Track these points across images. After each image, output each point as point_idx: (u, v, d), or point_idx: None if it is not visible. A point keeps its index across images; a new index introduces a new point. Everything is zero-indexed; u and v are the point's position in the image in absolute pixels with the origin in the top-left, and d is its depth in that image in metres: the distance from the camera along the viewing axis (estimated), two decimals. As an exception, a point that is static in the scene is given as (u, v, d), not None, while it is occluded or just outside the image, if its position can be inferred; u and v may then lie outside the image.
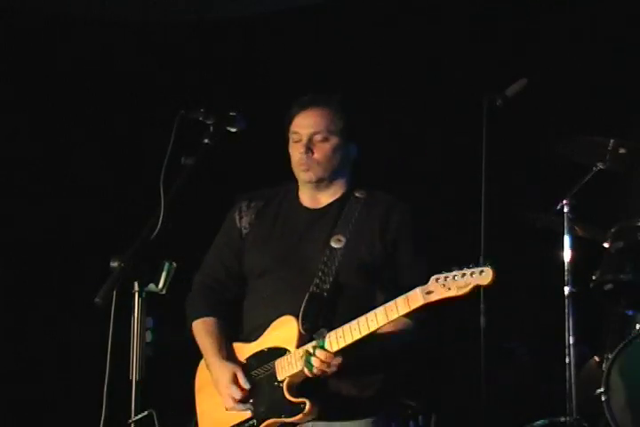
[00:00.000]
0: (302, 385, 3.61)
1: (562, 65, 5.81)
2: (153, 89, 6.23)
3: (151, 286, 3.03)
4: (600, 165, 4.93)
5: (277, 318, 3.69)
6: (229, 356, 3.76)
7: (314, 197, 3.86)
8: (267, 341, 3.72)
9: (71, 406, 5.70)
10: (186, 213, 3.93)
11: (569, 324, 4.68)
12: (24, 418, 5.86)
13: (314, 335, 3.58)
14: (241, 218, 3.88)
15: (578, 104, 5.73)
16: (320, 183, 3.80)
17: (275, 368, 3.65)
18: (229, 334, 3.82)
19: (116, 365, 3.04)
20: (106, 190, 6.20)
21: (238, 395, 3.66)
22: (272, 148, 3.98)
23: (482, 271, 3.36)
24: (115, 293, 2.96)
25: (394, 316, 3.47)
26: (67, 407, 5.81)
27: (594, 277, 4.80)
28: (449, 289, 3.38)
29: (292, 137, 3.81)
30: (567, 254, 4.79)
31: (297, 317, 3.64)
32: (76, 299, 4.54)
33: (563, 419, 4.61)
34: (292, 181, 3.91)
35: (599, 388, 4.60)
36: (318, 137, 3.76)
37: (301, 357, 3.56)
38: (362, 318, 3.51)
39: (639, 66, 5.65)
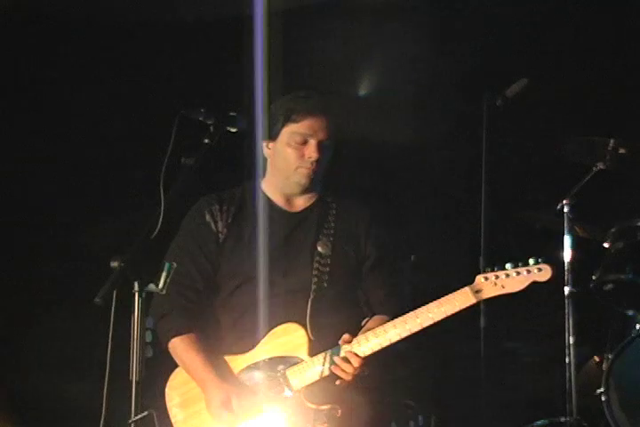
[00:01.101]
0: (317, 391, 3.56)
1: (562, 65, 5.81)
2: (153, 89, 6.22)
3: (151, 286, 3.03)
4: (600, 165, 4.93)
5: (272, 324, 3.63)
6: (222, 372, 3.67)
7: (288, 199, 3.83)
8: (266, 350, 3.64)
9: (71, 405, 5.69)
10: (185, 213, 3.92)
11: (569, 324, 4.67)
12: (24, 418, 5.85)
13: (339, 342, 3.51)
14: (216, 222, 3.79)
15: (578, 104, 5.72)
16: (308, 187, 3.79)
17: (287, 378, 3.58)
18: (212, 349, 3.74)
19: (116, 365, 3.04)
20: (106, 190, 6.20)
21: (231, 419, 3.57)
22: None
23: (540, 269, 3.39)
24: (115, 293, 2.96)
25: (440, 317, 3.45)
26: (67, 407, 5.80)
27: (594, 277, 4.80)
28: (502, 287, 3.41)
29: (295, 138, 3.74)
30: (567, 254, 4.78)
31: (300, 324, 3.60)
32: (75, 299, 4.53)
33: (563, 419, 4.60)
34: (247, 182, 3.89)
35: (599, 388, 4.59)
36: (327, 143, 3.74)
37: (324, 364, 3.49)
38: (398, 321, 3.47)
39: (639, 66, 5.65)
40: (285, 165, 3.77)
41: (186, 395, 3.75)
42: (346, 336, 3.53)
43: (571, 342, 4.66)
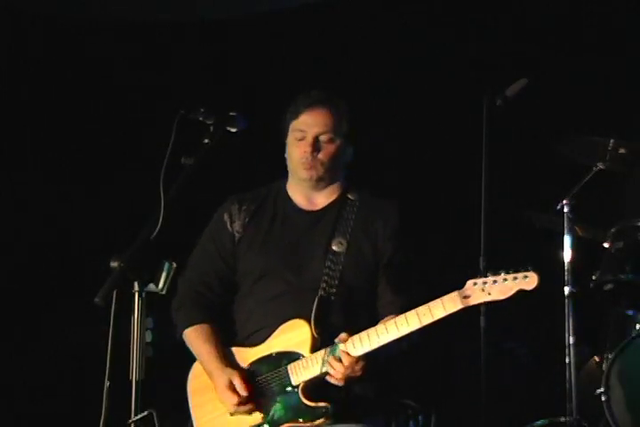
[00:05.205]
0: (316, 388, 3.59)
1: (562, 65, 5.81)
2: (153, 89, 6.23)
3: (151, 286, 3.03)
4: (600, 165, 4.93)
5: (282, 321, 3.66)
6: (229, 362, 3.72)
7: (309, 198, 3.85)
8: (274, 345, 3.68)
9: (71, 405, 5.70)
10: (186, 213, 3.92)
11: (569, 324, 4.67)
12: (24, 418, 5.86)
13: (335, 340, 3.53)
14: (232, 222, 3.85)
15: (578, 104, 5.73)
16: (318, 183, 3.80)
17: (288, 373, 3.62)
18: (223, 340, 3.79)
19: (116, 365, 3.04)
20: (106, 190, 6.20)
21: (235, 400, 3.63)
22: (271, 148, 3.97)
23: (526, 276, 3.36)
24: (115, 293, 2.96)
25: (428, 320, 3.43)
26: (67, 407, 5.81)
27: (594, 277, 4.79)
28: (489, 294, 3.38)
29: (295, 134, 3.78)
30: (567, 254, 4.78)
31: (307, 320, 3.61)
32: (75, 299, 4.54)
33: (563, 419, 4.60)
34: (279, 180, 3.91)
35: (599, 388, 4.59)
36: (324, 137, 3.75)
37: (322, 362, 3.53)
38: (390, 323, 3.48)
39: (639, 66, 5.65)
40: (291, 162, 3.81)
41: (203, 384, 3.78)
42: (342, 335, 3.54)
43: (571, 342, 4.66)
